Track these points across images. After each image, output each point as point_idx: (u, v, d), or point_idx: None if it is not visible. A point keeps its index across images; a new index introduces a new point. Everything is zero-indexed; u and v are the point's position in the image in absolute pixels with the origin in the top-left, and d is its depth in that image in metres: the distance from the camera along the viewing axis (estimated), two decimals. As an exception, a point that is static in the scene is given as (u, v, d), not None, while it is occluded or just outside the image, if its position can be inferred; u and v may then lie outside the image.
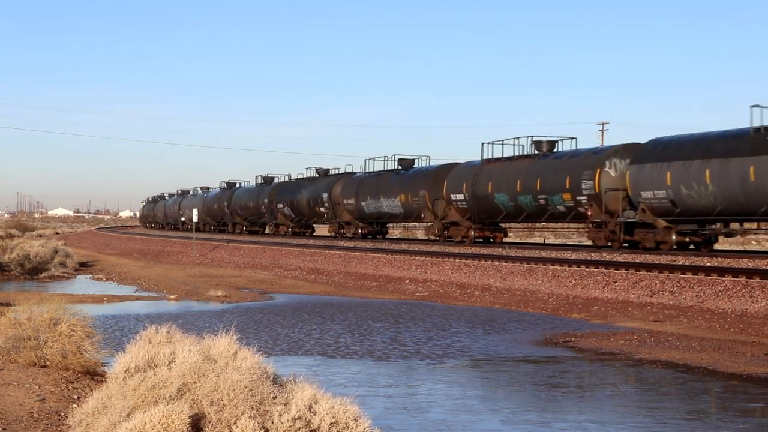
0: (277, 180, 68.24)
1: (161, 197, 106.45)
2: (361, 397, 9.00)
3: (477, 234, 41.72)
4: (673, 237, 31.07)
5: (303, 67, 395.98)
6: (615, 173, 33.40)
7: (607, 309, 21.51)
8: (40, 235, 78.18)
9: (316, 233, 64.99)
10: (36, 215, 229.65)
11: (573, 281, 25.26)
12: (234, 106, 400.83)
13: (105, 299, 24.43)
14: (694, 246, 31.67)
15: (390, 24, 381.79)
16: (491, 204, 39.48)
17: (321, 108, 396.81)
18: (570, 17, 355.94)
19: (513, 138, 40.56)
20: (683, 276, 23.05)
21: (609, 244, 33.40)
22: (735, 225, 31.89)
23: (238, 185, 77.09)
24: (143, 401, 7.39)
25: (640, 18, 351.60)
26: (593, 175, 33.60)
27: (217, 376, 7.54)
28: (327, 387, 8.42)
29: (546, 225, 46.93)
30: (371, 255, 36.78)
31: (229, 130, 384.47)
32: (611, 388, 12.36)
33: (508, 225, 44.04)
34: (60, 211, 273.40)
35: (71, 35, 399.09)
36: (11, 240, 42.14)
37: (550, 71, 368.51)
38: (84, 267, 39.88)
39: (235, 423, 7.16)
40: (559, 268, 27.16)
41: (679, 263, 25.41)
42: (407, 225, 62.96)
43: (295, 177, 64.21)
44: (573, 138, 39.23)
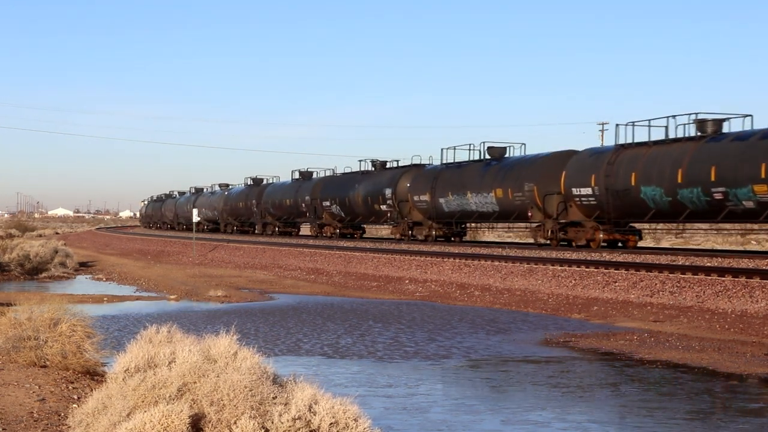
0: (316, 175, 60.59)
1: (169, 195, 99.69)
2: (361, 397, 9.00)
3: (606, 237, 33.84)
4: None
5: (303, 67, 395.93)
6: None
7: (607, 309, 21.50)
8: (40, 235, 78.17)
9: (366, 235, 59.57)
10: (36, 215, 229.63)
11: (573, 281, 25.25)
12: (234, 106, 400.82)
13: (105, 299, 24.43)
14: None
15: (390, 24, 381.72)
16: (634, 199, 31.64)
17: (321, 108, 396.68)
18: (570, 17, 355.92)
19: (647, 120, 32.77)
20: (683, 276, 23.05)
21: None
22: None
23: (265, 181, 70.54)
24: (143, 401, 7.38)
25: (639, 18, 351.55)
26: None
27: (217, 376, 7.54)
28: (327, 387, 8.42)
29: (720, 226, 36.19)
30: (371, 255, 36.78)
31: (230, 130, 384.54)
32: (611, 388, 12.36)
33: (651, 225, 36.56)
34: (60, 211, 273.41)
35: (71, 35, 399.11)
36: (11, 240, 42.14)
37: (550, 71, 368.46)
38: (84, 267, 39.88)
39: (235, 423, 7.16)
40: (559, 268, 27.16)
41: (679, 263, 25.41)
42: (495, 226, 50.07)
43: (342, 171, 57.05)
44: (747, 115, 30.53)
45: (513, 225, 45.83)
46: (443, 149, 44.48)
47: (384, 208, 48.11)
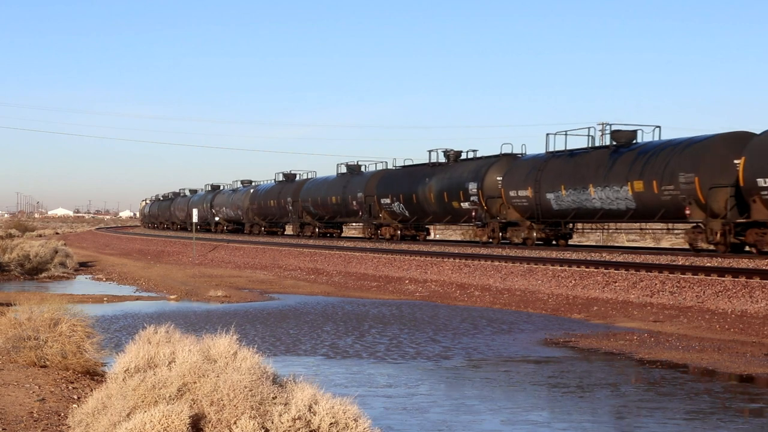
0: (365, 169, 54.20)
1: (178, 194, 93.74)
2: (361, 397, 9.00)
3: None
4: None
5: (303, 67, 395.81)
6: None
7: (607, 309, 21.50)
8: (40, 235, 78.23)
9: (432, 237, 52.46)
10: (36, 215, 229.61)
11: (573, 281, 25.25)
12: (234, 106, 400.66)
13: (105, 299, 24.43)
14: None
15: (390, 24, 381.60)
16: None
17: (321, 108, 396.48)
18: (570, 17, 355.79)
19: None
20: (683, 276, 23.04)
21: None
22: None
23: (299, 177, 63.75)
24: (143, 401, 7.38)
25: (640, 18, 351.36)
26: None
27: (217, 376, 7.54)
28: (327, 387, 8.42)
29: None
30: (371, 255, 36.77)
31: (229, 130, 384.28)
32: (611, 388, 12.35)
33: None
34: (60, 211, 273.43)
35: (71, 35, 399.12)
36: (11, 240, 42.11)
37: (550, 71, 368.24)
38: (84, 267, 39.87)
39: (235, 423, 7.16)
40: (559, 268, 27.15)
41: (679, 263, 25.40)
42: (615, 226, 40.17)
43: (401, 164, 50.19)
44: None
45: (648, 225, 38.75)
46: (549, 134, 36.94)
47: (466, 205, 40.84)
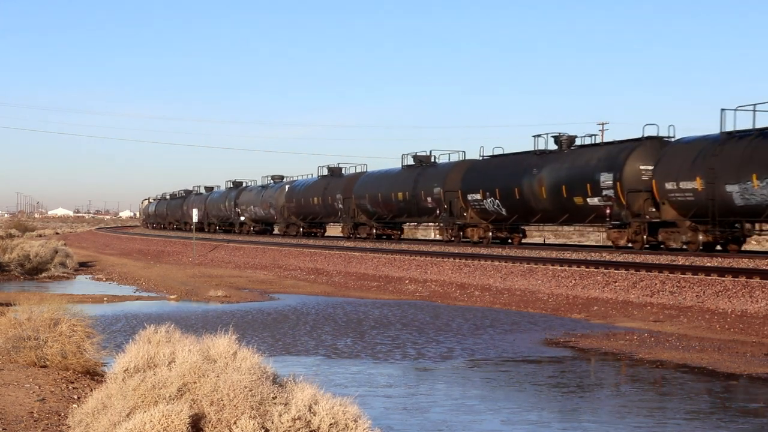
0: (436, 159, 46.55)
1: (191, 192, 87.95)
2: (361, 398, 9.00)
3: None
4: None
5: (303, 67, 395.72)
6: None
7: (607, 309, 21.50)
8: (40, 236, 78.20)
9: (526, 240, 43.50)
10: (36, 215, 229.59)
11: (573, 281, 25.25)
12: (234, 106, 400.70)
13: (105, 299, 24.42)
14: None
15: (390, 24, 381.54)
16: None
17: (321, 108, 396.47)
18: (570, 17, 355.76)
19: None
20: (683, 276, 23.04)
21: None
22: None
23: (345, 171, 56.67)
24: (143, 401, 7.38)
25: (640, 18, 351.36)
26: None
27: (217, 376, 7.54)
28: (327, 387, 8.42)
29: None
30: (371, 255, 36.77)
31: (230, 130, 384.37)
32: (611, 388, 12.35)
33: None
34: (60, 212, 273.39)
35: (72, 35, 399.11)
36: (11, 240, 42.10)
37: (550, 71, 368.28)
38: (84, 267, 39.87)
39: (235, 423, 7.16)
40: (559, 268, 27.15)
41: (679, 263, 25.40)
42: None
43: (488, 154, 42.14)
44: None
45: None
46: (725, 110, 29.06)
47: (595, 201, 33.27)
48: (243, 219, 69.81)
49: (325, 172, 57.70)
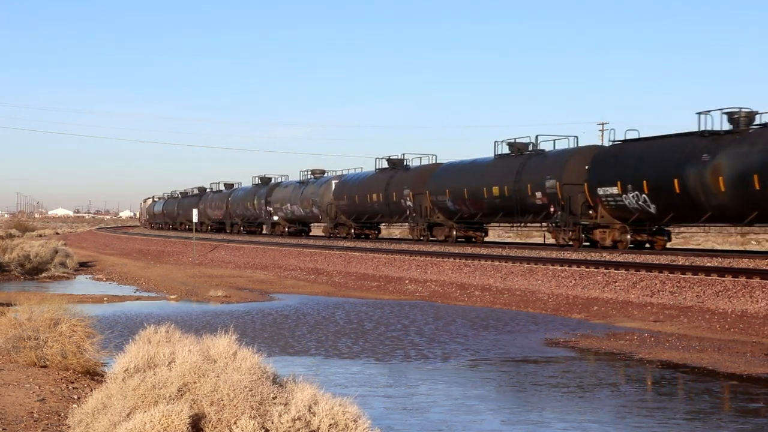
0: (537, 146, 38.13)
1: (205, 190, 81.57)
2: (361, 398, 9.00)
3: None
4: None
5: (303, 67, 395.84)
6: None
7: (607, 309, 21.50)
8: (40, 236, 78.19)
9: (670, 245, 34.74)
10: (36, 215, 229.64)
11: (573, 281, 25.25)
12: (234, 106, 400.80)
13: (105, 299, 24.42)
14: None
15: (390, 24, 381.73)
16: None
17: (321, 108, 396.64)
18: (570, 17, 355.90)
19: None
20: (683, 276, 23.04)
21: None
22: None
23: (406, 162, 48.44)
24: (143, 401, 7.38)
25: (640, 18, 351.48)
26: None
27: (217, 376, 7.54)
28: (327, 387, 8.42)
29: None
30: (371, 255, 36.76)
31: (230, 130, 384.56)
32: (611, 388, 12.35)
33: None
34: (60, 212, 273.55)
35: (72, 35, 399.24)
36: (11, 240, 42.12)
37: (550, 71, 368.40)
38: (84, 267, 39.87)
39: (235, 423, 7.16)
40: (559, 268, 27.15)
41: (679, 263, 25.40)
42: None
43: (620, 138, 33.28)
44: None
45: None
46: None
47: None
48: (276, 219, 61.87)
49: (384, 165, 49.30)
